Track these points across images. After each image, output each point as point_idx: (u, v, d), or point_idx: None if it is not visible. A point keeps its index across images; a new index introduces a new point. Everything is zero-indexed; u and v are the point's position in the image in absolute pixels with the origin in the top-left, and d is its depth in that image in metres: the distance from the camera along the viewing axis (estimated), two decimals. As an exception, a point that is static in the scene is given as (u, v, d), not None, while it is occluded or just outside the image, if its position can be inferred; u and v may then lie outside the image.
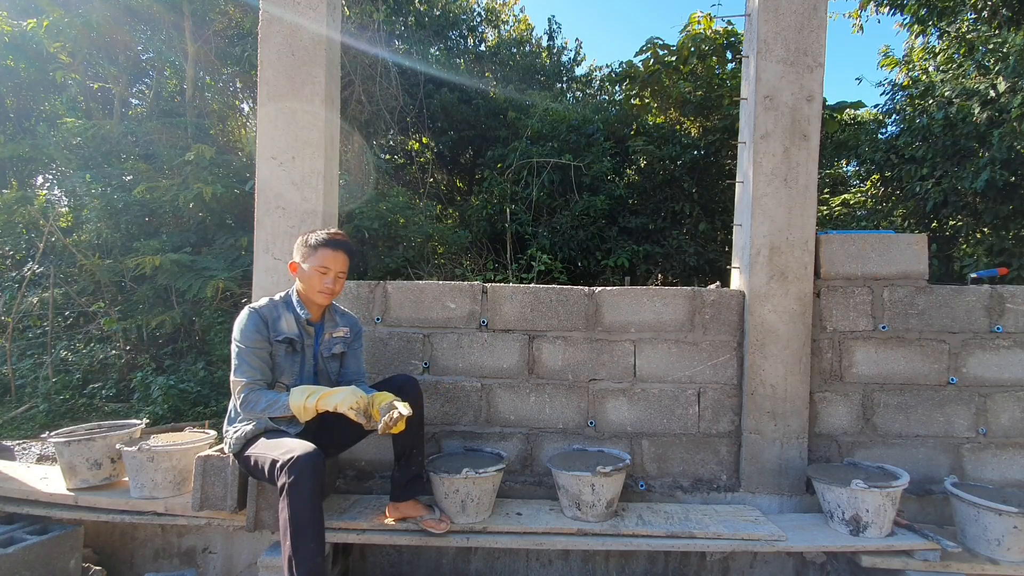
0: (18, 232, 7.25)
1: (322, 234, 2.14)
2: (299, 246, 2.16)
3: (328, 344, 2.26)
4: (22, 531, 2.27)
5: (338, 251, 2.13)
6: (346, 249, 2.16)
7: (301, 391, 1.98)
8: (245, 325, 2.06)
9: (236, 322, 2.08)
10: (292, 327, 2.15)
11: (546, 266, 7.18)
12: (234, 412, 2.13)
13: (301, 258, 2.14)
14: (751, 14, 2.77)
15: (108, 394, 5.78)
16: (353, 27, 7.81)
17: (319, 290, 2.12)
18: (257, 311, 2.10)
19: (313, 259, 2.11)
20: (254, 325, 2.07)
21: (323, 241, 2.12)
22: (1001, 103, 6.09)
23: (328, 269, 2.11)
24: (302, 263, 2.14)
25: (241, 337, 2.05)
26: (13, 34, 8.03)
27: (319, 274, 2.11)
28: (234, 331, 2.07)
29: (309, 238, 2.15)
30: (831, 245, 2.68)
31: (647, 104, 9.20)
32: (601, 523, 2.30)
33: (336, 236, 2.15)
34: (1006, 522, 2.11)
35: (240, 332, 2.06)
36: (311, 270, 2.12)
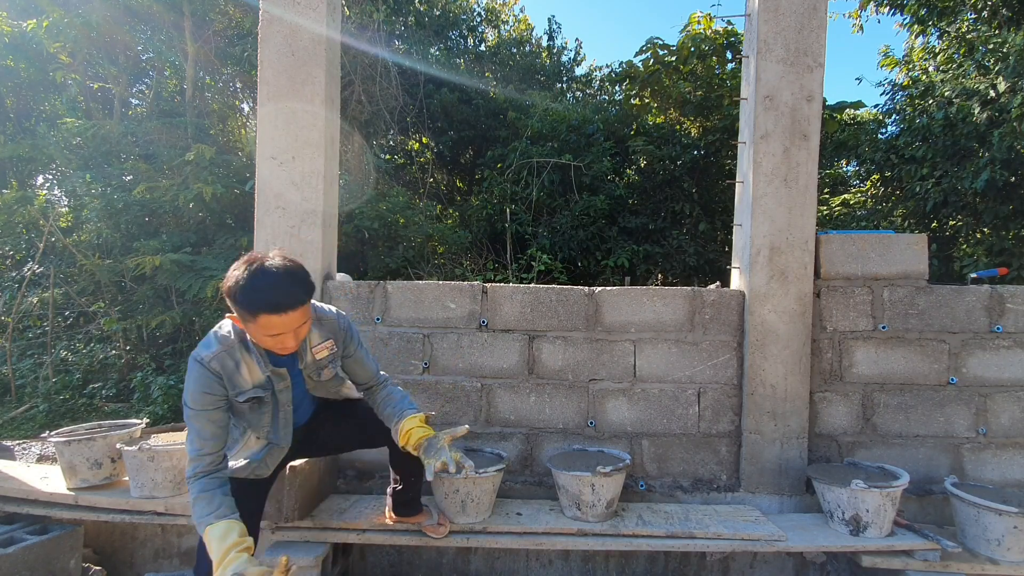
0: (18, 232, 7.25)
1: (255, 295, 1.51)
2: (231, 304, 1.56)
3: (314, 369, 1.85)
4: (22, 531, 2.27)
5: (285, 313, 1.53)
6: (298, 301, 1.55)
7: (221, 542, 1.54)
8: (193, 386, 1.64)
9: (187, 376, 1.67)
10: (256, 375, 1.71)
11: (546, 266, 7.18)
12: None
13: (240, 318, 1.58)
14: (751, 14, 2.77)
15: (108, 394, 5.78)
16: (353, 27, 7.81)
17: (276, 350, 1.65)
18: (206, 366, 1.63)
19: (256, 327, 1.56)
20: (202, 386, 1.64)
21: (261, 308, 1.51)
22: (1001, 103, 6.09)
23: (279, 333, 1.57)
24: (244, 325, 1.60)
25: (189, 398, 1.65)
26: (13, 34, 8.03)
27: (271, 339, 1.59)
28: (185, 386, 1.68)
29: (239, 302, 1.52)
30: (831, 245, 2.68)
31: (647, 104, 9.19)
32: (601, 523, 2.30)
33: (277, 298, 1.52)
34: (1006, 522, 2.11)
35: (188, 394, 1.65)
36: (259, 336, 1.60)
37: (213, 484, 1.65)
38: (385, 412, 1.97)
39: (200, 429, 1.66)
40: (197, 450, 1.66)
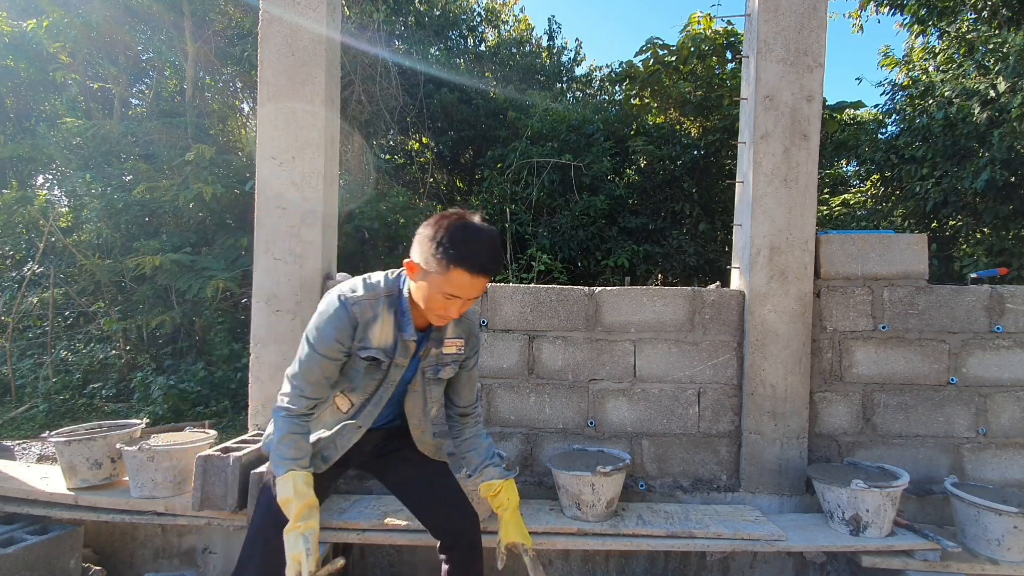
0: (18, 232, 7.26)
1: (463, 247, 1.39)
2: (425, 247, 1.43)
3: (433, 364, 1.68)
4: (22, 531, 2.26)
5: (479, 277, 1.42)
6: (496, 270, 1.47)
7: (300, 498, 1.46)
8: (326, 323, 1.51)
9: (319, 308, 1.55)
10: (386, 337, 1.56)
11: (546, 266, 7.18)
12: None
13: (424, 264, 1.44)
14: (751, 14, 2.77)
15: (108, 394, 5.78)
16: (353, 27, 7.82)
17: (437, 314, 1.50)
18: (348, 307, 1.51)
19: (441, 280, 1.42)
20: (337, 326, 1.51)
21: (462, 261, 1.39)
22: (1001, 103, 6.09)
23: (457, 298, 1.45)
24: (424, 274, 1.45)
25: (316, 336, 1.52)
26: (13, 34, 8.04)
27: (443, 298, 1.45)
28: (313, 318, 1.55)
29: (441, 245, 1.39)
30: (831, 245, 2.68)
31: (647, 104, 9.20)
32: (601, 523, 2.30)
33: (481, 258, 1.41)
34: (1006, 522, 2.11)
35: (317, 329, 1.52)
36: (434, 291, 1.45)
37: (302, 429, 1.55)
38: (467, 453, 1.83)
39: (309, 371, 1.53)
40: (300, 390, 1.54)
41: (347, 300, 1.52)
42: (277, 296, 2.69)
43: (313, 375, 1.54)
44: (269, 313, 2.69)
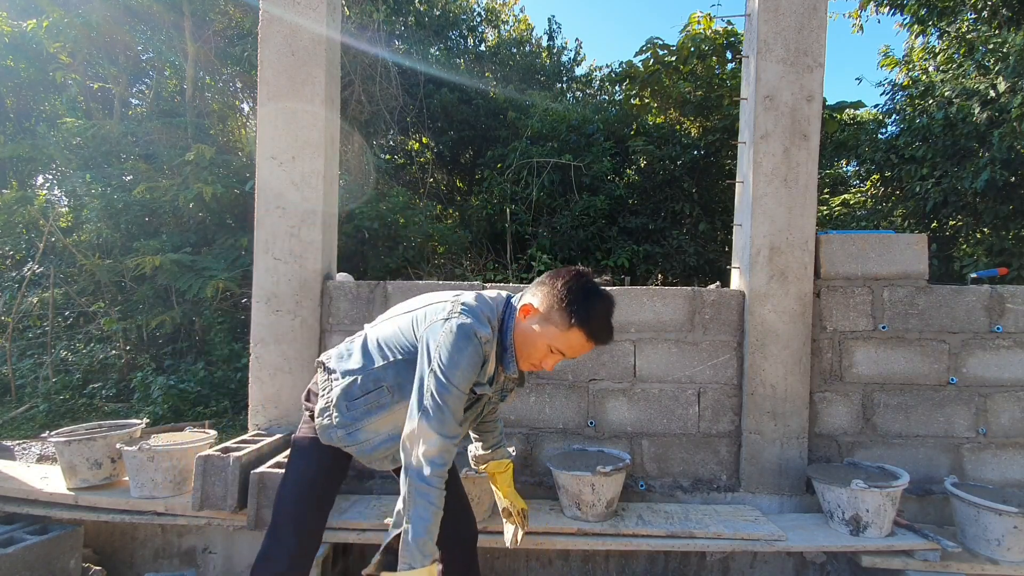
0: (18, 232, 7.25)
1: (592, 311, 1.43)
2: (551, 297, 1.46)
3: (500, 390, 1.68)
4: (22, 531, 2.26)
5: (591, 343, 1.47)
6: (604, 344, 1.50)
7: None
8: (464, 357, 1.41)
9: (445, 340, 1.41)
10: (490, 369, 1.51)
11: (546, 266, 7.18)
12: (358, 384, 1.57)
13: (544, 312, 1.46)
14: (751, 14, 2.77)
15: (108, 394, 5.78)
16: (353, 27, 7.82)
17: (532, 362, 1.52)
18: (482, 344, 1.44)
19: (557, 333, 1.44)
20: (473, 364, 1.43)
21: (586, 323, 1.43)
22: (1001, 103, 6.09)
23: (561, 354, 1.49)
24: (541, 321, 1.46)
25: (457, 375, 1.40)
26: (13, 34, 8.04)
27: (547, 350, 1.48)
28: (440, 352, 1.41)
29: (571, 302, 1.43)
30: (831, 245, 2.68)
31: (647, 104, 9.19)
32: (601, 523, 2.30)
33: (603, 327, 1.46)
34: (1006, 522, 2.11)
35: (456, 368, 1.40)
36: (542, 341, 1.46)
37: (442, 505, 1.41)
38: (486, 433, 1.86)
39: (456, 410, 1.41)
40: (451, 436, 1.40)
41: (481, 337, 1.43)
42: (277, 296, 2.69)
43: (458, 414, 1.42)
44: (269, 313, 2.69)
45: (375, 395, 1.56)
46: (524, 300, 1.52)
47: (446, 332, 1.42)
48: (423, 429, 1.39)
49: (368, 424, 1.57)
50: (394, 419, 1.57)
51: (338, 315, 2.74)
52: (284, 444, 2.56)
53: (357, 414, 1.56)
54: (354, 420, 1.57)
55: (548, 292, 1.47)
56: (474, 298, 1.52)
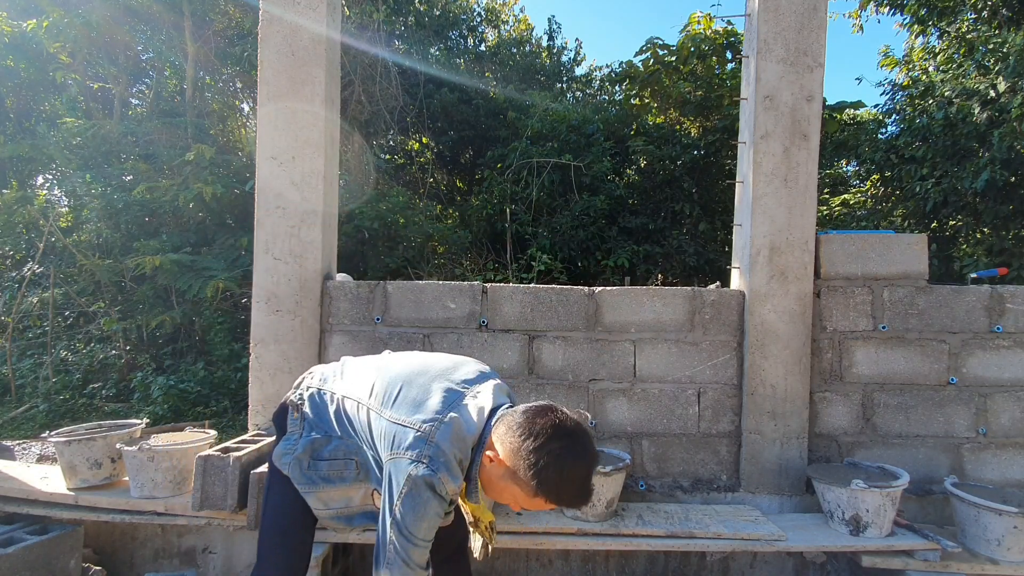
0: (18, 232, 7.25)
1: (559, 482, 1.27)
2: (519, 459, 1.29)
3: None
4: (22, 531, 2.26)
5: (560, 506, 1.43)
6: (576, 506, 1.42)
7: None
8: (429, 512, 1.32)
9: (409, 492, 1.30)
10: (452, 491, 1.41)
11: (546, 266, 7.18)
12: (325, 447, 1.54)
13: (511, 469, 1.31)
14: (751, 14, 2.77)
15: (108, 394, 5.78)
16: (353, 27, 7.82)
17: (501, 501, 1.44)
18: (446, 496, 1.34)
19: (521, 495, 1.33)
20: (438, 512, 1.34)
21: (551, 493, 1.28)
22: (1001, 103, 6.09)
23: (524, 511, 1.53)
24: (506, 474, 1.33)
25: (418, 526, 1.31)
26: (13, 34, 8.04)
27: (515, 504, 1.38)
28: (403, 504, 1.31)
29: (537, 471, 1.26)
30: (831, 245, 2.68)
31: (647, 104, 9.20)
32: (601, 523, 2.30)
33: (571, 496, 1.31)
34: (1006, 522, 2.11)
35: (415, 517, 1.31)
36: (508, 495, 1.37)
37: None
38: None
39: (420, 558, 1.34)
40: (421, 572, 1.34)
41: (444, 493, 1.32)
42: (277, 296, 2.69)
43: (422, 559, 1.35)
44: (269, 313, 2.69)
45: (342, 464, 1.52)
46: (494, 442, 1.35)
47: (410, 484, 1.30)
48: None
49: (322, 491, 1.54)
50: (348, 495, 1.56)
51: (338, 315, 2.74)
52: (284, 444, 2.56)
53: (316, 477, 1.53)
54: (310, 482, 1.53)
55: (514, 449, 1.29)
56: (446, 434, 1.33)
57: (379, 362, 1.60)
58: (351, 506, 1.59)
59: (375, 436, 1.43)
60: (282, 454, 1.56)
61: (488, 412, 1.40)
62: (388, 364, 1.56)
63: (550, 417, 1.31)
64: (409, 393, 1.42)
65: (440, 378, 1.46)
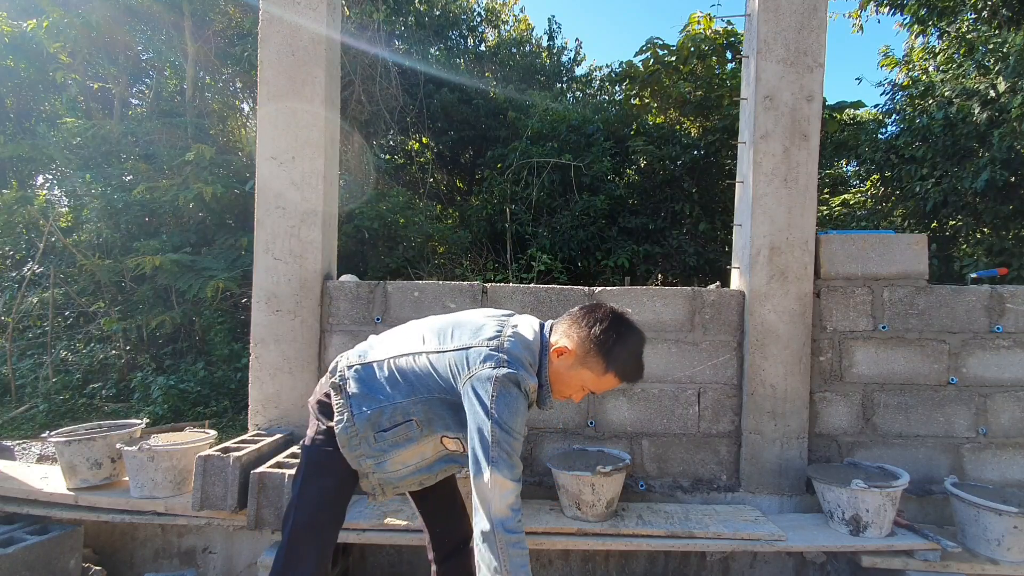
0: (18, 232, 7.25)
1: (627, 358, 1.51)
2: (587, 343, 1.50)
3: None
4: (22, 531, 2.27)
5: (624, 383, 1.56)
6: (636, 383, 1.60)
7: None
8: (520, 407, 1.43)
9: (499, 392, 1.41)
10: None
11: (546, 266, 7.18)
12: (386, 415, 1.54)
13: (580, 356, 1.50)
14: (751, 14, 2.77)
15: (108, 394, 5.78)
16: (353, 27, 7.81)
17: (564, 396, 1.59)
18: (528, 394, 1.47)
19: (592, 376, 1.52)
20: (525, 409, 1.45)
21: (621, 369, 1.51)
22: (1001, 103, 6.09)
23: (593, 392, 1.59)
24: (578, 364, 1.51)
25: (513, 420, 1.40)
26: (13, 34, 8.04)
27: (581, 389, 1.56)
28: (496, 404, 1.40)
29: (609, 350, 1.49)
30: (831, 245, 2.68)
31: (647, 104, 9.20)
32: (601, 523, 2.30)
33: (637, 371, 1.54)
34: (1006, 522, 2.11)
35: (510, 412, 1.40)
36: (577, 381, 1.54)
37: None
38: None
39: (518, 454, 1.42)
40: (520, 477, 1.42)
41: (527, 388, 1.45)
42: (277, 296, 2.69)
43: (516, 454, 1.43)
44: (269, 313, 2.69)
45: (404, 428, 1.54)
46: (558, 340, 1.53)
47: (499, 384, 1.41)
48: (498, 480, 1.36)
49: (396, 456, 1.57)
50: (421, 451, 1.60)
51: (338, 315, 2.74)
52: (284, 444, 2.56)
53: (385, 446, 1.55)
54: (382, 451, 1.56)
55: (584, 337, 1.50)
56: (514, 343, 1.49)
57: (415, 323, 1.69)
58: (426, 458, 1.63)
59: (441, 374, 1.51)
60: (348, 439, 1.55)
61: (538, 325, 1.60)
62: (427, 320, 1.68)
63: (606, 308, 1.55)
64: (462, 329, 1.55)
65: (484, 315, 1.62)
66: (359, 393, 1.56)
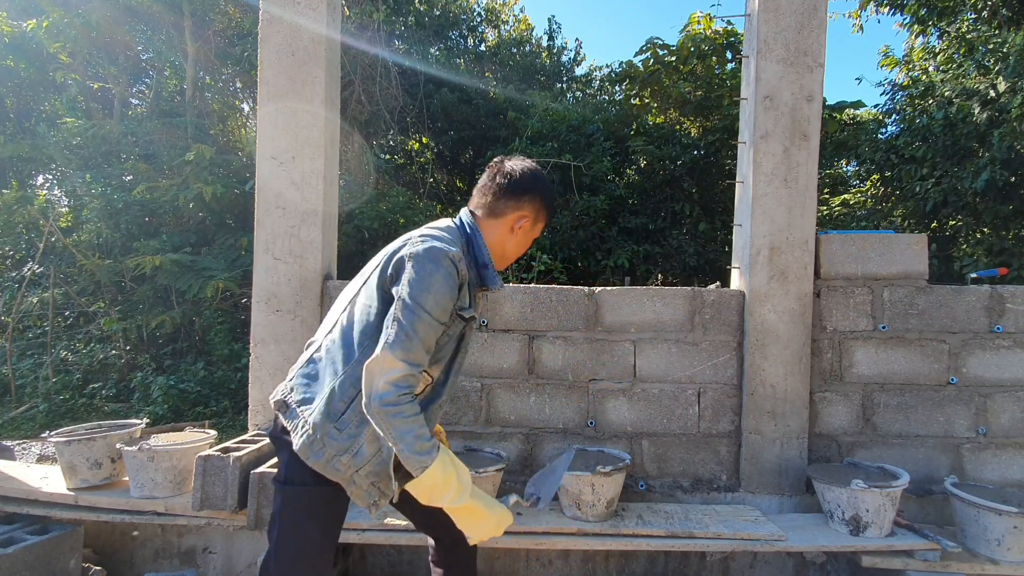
0: (18, 232, 7.26)
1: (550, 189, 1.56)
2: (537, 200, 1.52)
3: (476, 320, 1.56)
4: (22, 531, 2.27)
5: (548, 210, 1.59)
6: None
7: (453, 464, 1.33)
8: (439, 284, 1.32)
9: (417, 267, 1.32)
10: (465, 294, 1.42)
11: (546, 266, 7.18)
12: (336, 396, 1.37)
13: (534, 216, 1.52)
14: (751, 14, 2.77)
15: (108, 394, 5.78)
16: (353, 27, 7.81)
17: (511, 261, 1.57)
18: (456, 264, 1.35)
19: (531, 224, 1.52)
20: (449, 286, 1.34)
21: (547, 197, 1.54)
22: (1001, 103, 6.09)
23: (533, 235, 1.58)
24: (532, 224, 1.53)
25: (430, 299, 1.30)
26: (13, 34, 8.04)
27: (525, 245, 1.57)
28: (409, 278, 1.32)
29: (544, 188, 1.53)
30: (831, 245, 2.68)
31: (647, 104, 9.19)
32: (601, 523, 2.30)
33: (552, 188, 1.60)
34: (1006, 522, 2.11)
35: (428, 292, 1.30)
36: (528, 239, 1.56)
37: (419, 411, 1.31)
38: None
39: (425, 338, 1.30)
40: (418, 364, 1.29)
41: (454, 256, 1.35)
42: (277, 296, 2.69)
43: (429, 341, 1.32)
44: (269, 313, 2.69)
45: (359, 396, 1.34)
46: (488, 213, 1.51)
47: (412, 261, 1.33)
48: (387, 358, 1.26)
49: (367, 431, 1.36)
50: None
51: (338, 315, 2.74)
52: (284, 444, 2.56)
53: (351, 429, 1.36)
54: (351, 437, 1.36)
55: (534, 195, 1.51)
56: (425, 233, 1.44)
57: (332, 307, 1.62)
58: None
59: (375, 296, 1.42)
60: (309, 447, 1.35)
61: (456, 221, 1.53)
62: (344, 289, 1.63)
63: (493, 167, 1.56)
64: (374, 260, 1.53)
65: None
66: (304, 395, 1.41)
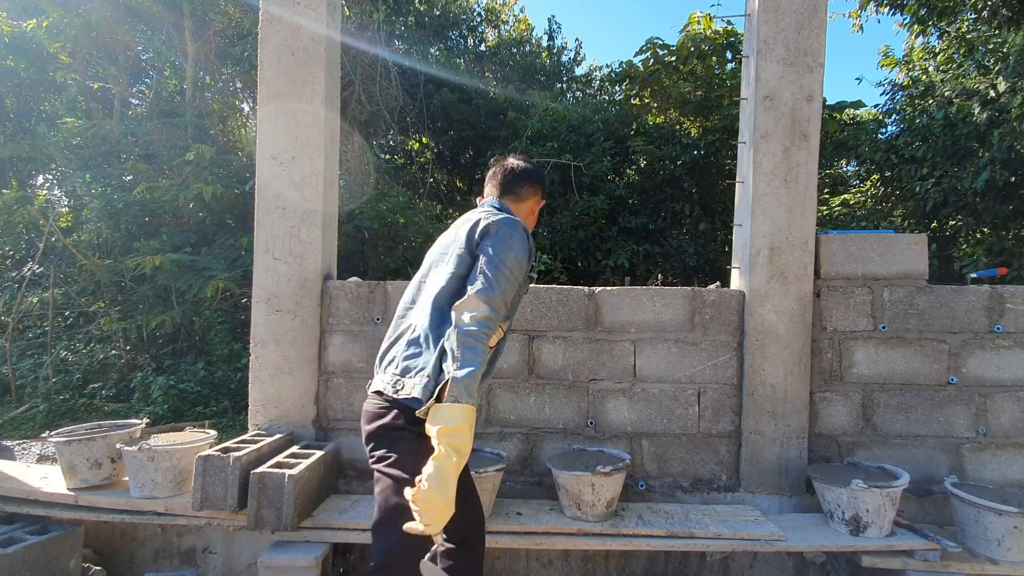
0: (18, 232, 7.26)
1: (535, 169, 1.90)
2: (536, 182, 1.88)
3: None
4: (22, 531, 2.27)
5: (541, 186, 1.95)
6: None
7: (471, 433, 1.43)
8: (515, 243, 1.59)
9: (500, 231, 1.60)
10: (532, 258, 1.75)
11: (546, 266, 7.18)
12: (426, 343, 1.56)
13: (540, 194, 1.89)
14: (751, 14, 2.77)
15: (108, 394, 5.78)
16: (353, 27, 7.81)
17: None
18: (528, 236, 1.67)
19: (537, 199, 1.89)
20: (526, 252, 1.63)
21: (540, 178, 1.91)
22: (1001, 103, 6.08)
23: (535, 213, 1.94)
24: (534, 201, 1.88)
25: (514, 260, 1.57)
26: (13, 34, 8.04)
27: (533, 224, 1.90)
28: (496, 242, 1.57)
29: (538, 175, 1.89)
30: (831, 245, 2.68)
31: (647, 104, 9.19)
32: (601, 523, 2.30)
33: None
34: (1006, 522, 2.11)
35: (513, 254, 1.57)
36: (535, 216, 1.91)
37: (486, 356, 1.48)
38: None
39: (506, 291, 1.53)
40: (497, 311, 1.50)
41: (526, 228, 1.66)
42: (277, 296, 2.69)
43: (507, 296, 1.55)
44: (269, 313, 2.69)
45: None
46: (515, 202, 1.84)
47: (497, 224, 1.61)
48: (474, 300, 1.48)
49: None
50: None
51: (338, 315, 2.74)
52: (284, 444, 2.56)
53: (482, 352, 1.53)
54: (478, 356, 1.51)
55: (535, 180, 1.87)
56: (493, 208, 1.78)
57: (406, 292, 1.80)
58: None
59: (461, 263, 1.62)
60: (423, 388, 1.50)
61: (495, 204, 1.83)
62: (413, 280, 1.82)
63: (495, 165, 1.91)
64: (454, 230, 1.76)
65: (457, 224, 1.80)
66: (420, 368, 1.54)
